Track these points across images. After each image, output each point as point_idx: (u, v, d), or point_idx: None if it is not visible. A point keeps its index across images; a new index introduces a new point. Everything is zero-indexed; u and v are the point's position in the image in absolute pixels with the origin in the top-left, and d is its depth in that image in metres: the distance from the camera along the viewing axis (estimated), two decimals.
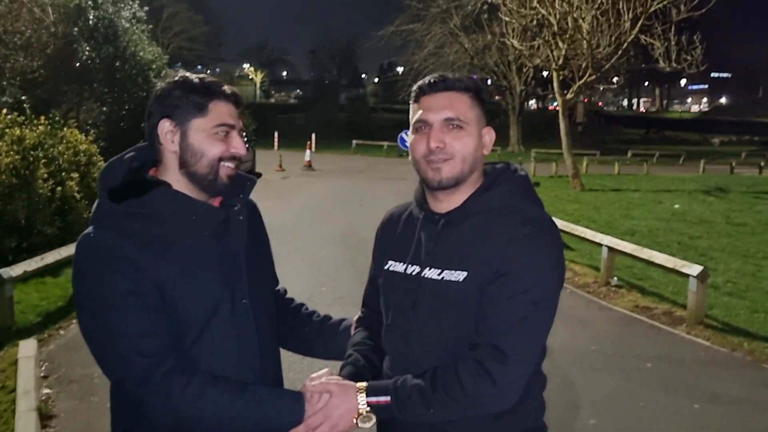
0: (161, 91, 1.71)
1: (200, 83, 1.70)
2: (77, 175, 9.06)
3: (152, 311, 1.58)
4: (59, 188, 8.53)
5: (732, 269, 9.22)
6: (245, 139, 1.78)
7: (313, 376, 1.69)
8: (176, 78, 1.73)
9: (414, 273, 1.75)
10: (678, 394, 5.00)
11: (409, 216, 1.88)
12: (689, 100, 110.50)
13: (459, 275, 1.66)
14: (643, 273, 8.76)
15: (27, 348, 5.19)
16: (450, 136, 1.69)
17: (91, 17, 15.58)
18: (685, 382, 5.28)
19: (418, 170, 1.76)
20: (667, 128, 66.74)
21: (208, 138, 1.68)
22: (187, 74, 1.74)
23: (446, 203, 1.75)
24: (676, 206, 15.86)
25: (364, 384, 1.66)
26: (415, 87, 1.77)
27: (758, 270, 9.26)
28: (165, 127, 1.68)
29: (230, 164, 1.70)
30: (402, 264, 1.80)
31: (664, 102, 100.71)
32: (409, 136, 1.79)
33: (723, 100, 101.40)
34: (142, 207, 1.64)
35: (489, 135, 1.78)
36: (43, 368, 5.20)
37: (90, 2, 15.70)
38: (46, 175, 8.39)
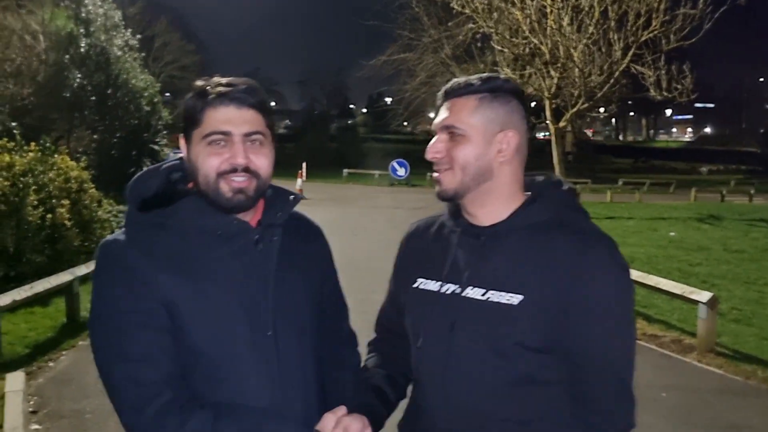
0: (185, 103, 1.56)
1: (199, 87, 1.51)
2: (68, 202, 8.86)
3: (155, 332, 1.40)
4: (49, 215, 8.33)
5: (736, 296, 9.09)
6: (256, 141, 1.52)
7: (328, 415, 1.49)
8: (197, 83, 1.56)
9: (450, 292, 1.56)
10: (698, 426, 4.82)
11: (439, 229, 1.69)
12: (674, 130, 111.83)
13: (512, 298, 1.47)
14: (646, 300, 8.60)
15: (14, 381, 4.96)
16: (449, 144, 1.54)
17: (82, 45, 15.49)
18: (703, 413, 5.10)
19: None
20: (655, 157, 67.44)
21: (203, 151, 1.48)
22: (206, 78, 1.54)
23: (480, 217, 1.58)
24: (672, 234, 15.80)
25: None
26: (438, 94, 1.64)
27: (762, 296, 9.13)
28: (182, 142, 1.55)
29: (236, 177, 1.48)
30: (436, 282, 1.61)
31: (651, 132, 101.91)
32: None
33: (708, 129, 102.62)
34: (166, 217, 1.48)
35: (506, 139, 1.54)
36: (31, 403, 4.94)
37: (82, 30, 15.62)
38: (35, 202, 8.19)
